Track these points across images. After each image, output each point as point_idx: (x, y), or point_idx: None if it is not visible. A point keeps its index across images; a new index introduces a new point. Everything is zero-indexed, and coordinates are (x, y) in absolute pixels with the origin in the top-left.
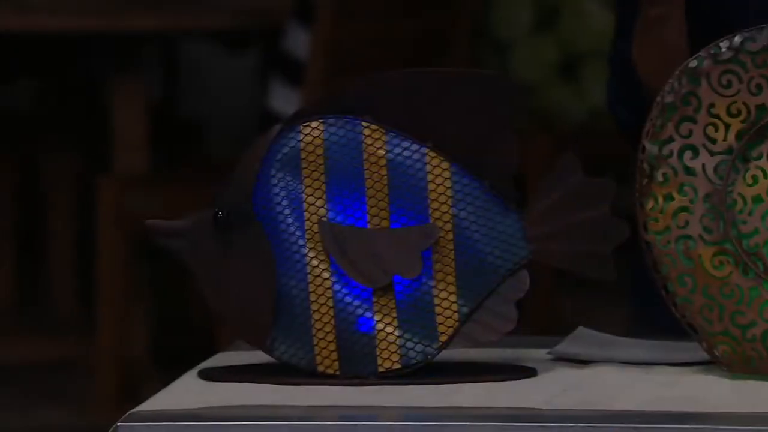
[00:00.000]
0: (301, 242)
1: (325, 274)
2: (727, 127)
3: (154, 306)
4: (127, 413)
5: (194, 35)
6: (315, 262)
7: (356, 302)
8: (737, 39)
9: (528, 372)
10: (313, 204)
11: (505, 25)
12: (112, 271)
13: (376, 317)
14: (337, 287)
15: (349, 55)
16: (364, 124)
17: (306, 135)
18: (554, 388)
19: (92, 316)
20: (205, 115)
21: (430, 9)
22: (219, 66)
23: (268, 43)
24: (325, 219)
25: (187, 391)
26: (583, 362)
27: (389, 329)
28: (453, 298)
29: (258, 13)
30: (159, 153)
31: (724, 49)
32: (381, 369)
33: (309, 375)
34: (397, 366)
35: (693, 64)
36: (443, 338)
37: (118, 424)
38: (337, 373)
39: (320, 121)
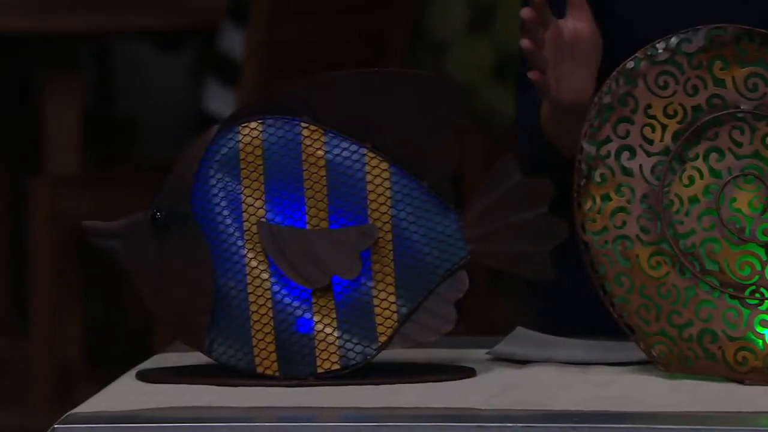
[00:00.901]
0: (239, 243)
1: (264, 275)
2: (664, 127)
3: (88, 307)
4: (65, 415)
5: (128, 35)
6: (254, 263)
7: (295, 303)
8: (673, 40)
9: (467, 372)
10: (251, 205)
11: (441, 25)
12: (45, 272)
13: (316, 318)
14: (276, 288)
15: (285, 56)
16: (303, 124)
17: (245, 135)
18: (493, 388)
19: (26, 317)
20: (139, 115)
21: (366, 9)
22: (153, 66)
23: (203, 43)
24: (264, 220)
25: (125, 393)
26: (522, 362)
27: (328, 330)
28: (392, 298)
29: (192, 13)
30: (92, 153)
31: (660, 51)
32: (320, 370)
33: (248, 376)
34: (336, 367)
35: (630, 65)
36: (382, 339)
37: (56, 426)
38: (277, 374)
39: (259, 121)
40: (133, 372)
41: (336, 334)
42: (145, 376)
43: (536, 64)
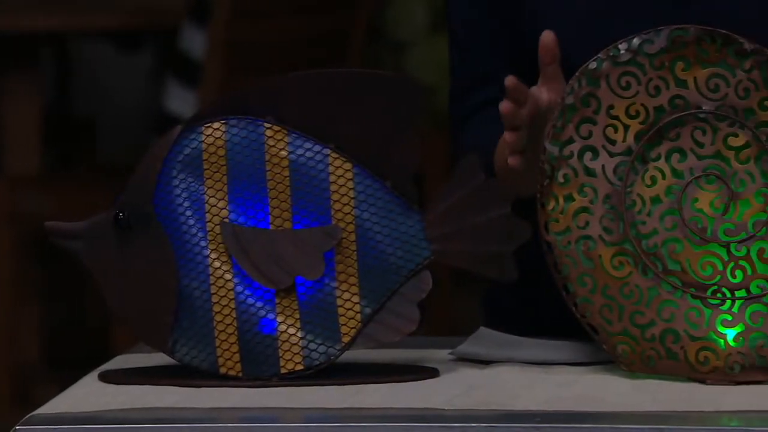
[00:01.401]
0: (202, 243)
1: (227, 276)
2: (626, 128)
3: (47, 308)
4: (27, 416)
5: (87, 35)
6: (217, 264)
7: (259, 304)
8: (635, 41)
9: (430, 372)
10: (215, 205)
11: (401, 25)
12: (4, 273)
13: (279, 318)
14: (239, 289)
15: (246, 56)
16: (267, 125)
17: (208, 136)
18: (456, 388)
19: None
20: (98, 115)
21: (327, 9)
22: (113, 66)
23: (164, 43)
24: (227, 220)
25: (87, 394)
26: (485, 362)
27: (292, 330)
28: (356, 299)
29: (152, 13)
30: (52, 153)
31: (622, 51)
32: (283, 370)
33: (211, 377)
34: (299, 367)
35: (592, 65)
36: (346, 339)
37: (17, 427)
38: (240, 374)
39: (222, 121)
40: (95, 373)
41: (299, 334)
42: (108, 377)
43: (512, 127)
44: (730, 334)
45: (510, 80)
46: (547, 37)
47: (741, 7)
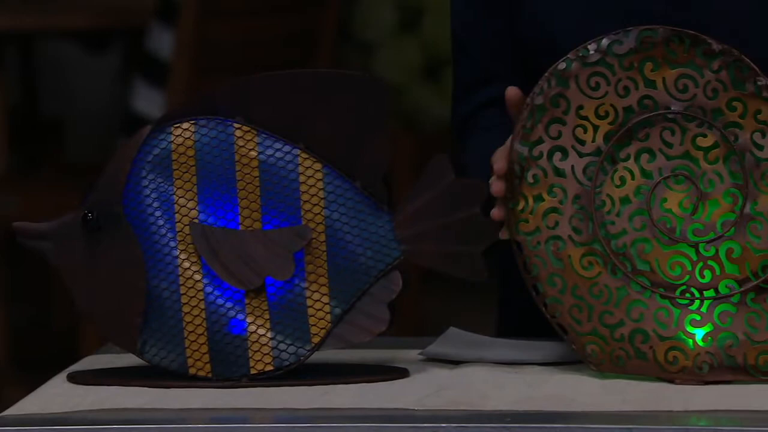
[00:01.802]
0: (172, 244)
1: (197, 276)
2: (596, 128)
3: (13, 309)
4: None
5: (54, 35)
6: (186, 264)
7: (228, 304)
8: (604, 42)
9: (400, 373)
10: (184, 206)
11: (369, 26)
12: None
13: (249, 319)
14: (208, 289)
15: (214, 56)
16: (236, 125)
17: (177, 136)
18: (426, 388)
19: None
20: (65, 115)
21: (295, 9)
22: (80, 66)
23: (131, 43)
24: (196, 220)
25: (56, 395)
26: (455, 362)
27: (261, 331)
28: (325, 299)
29: (120, 13)
30: (18, 154)
31: (591, 52)
32: (253, 371)
33: (180, 377)
34: (269, 368)
35: (562, 66)
36: (316, 339)
37: None
38: (209, 375)
39: (191, 122)
40: (64, 374)
41: (269, 335)
42: (77, 378)
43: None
44: (699, 333)
45: (496, 186)
46: (511, 92)
47: (739, 7)
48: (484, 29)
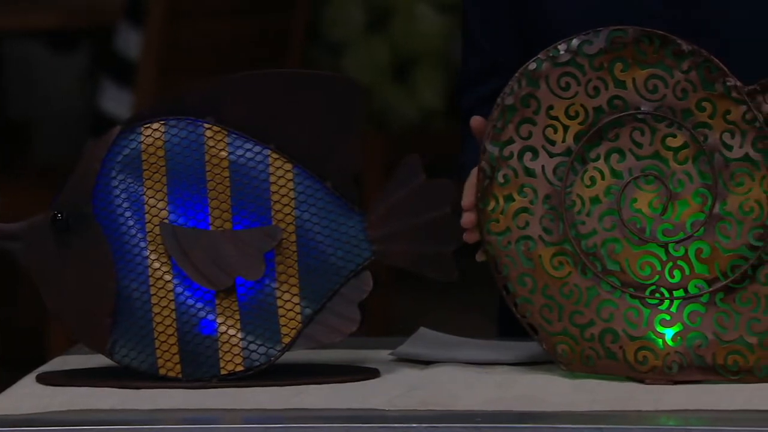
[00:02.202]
0: (142, 244)
1: (167, 277)
2: (566, 128)
3: None
4: None
5: (21, 35)
6: (156, 265)
7: (199, 305)
8: (575, 42)
9: (371, 373)
10: (154, 206)
11: (338, 26)
12: None
13: (219, 320)
14: (179, 290)
15: (182, 56)
16: (206, 125)
17: (147, 136)
18: (397, 388)
19: None
20: (33, 116)
21: (263, 10)
22: (47, 66)
23: (99, 43)
24: (166, 221)
25: (26, 396)
26: (425, 363)
27: (232, 332)
28: (296, 299)
29: (88, 13)
30: None
31: (562, 52)
32: (224, 371)
33: (151, 378)
34: (240, 368)
35: (532, 66)
36: (286, 340)
37: None
38: (180, 376)
39: (161, 122)
40: (33, 374)
41: (239, 335)
42: (46, 379)
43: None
44: (669, 333)
45: (466, 219)
46: (476, 122)
47: (737, 7)
48: (492, 19)
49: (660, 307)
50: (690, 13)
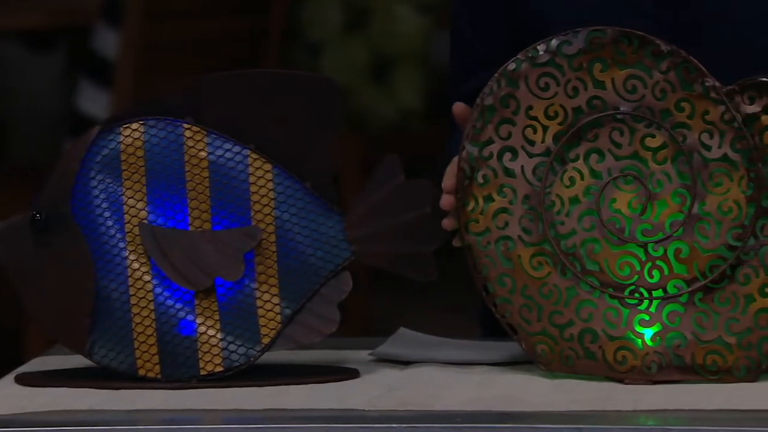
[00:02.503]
0: (121, 245)
1: (146, 277)
2: (545, 129)
3: None
4: None
5: None
6: (136, 265)
7: (178, 305)
8: (554, 42)
9: (350, 373)
10: (133, 206)
11: (316, 26)
12: None
13: (198, 320)
14: (158, 290)
15: (159, 56)
16: (186, 125)
17: (126, 137)
18: (377, 389)
19: None
20: (10, 116)
21: (241, 10)
22: (25, 66)
23: (77, 43)
24: (145, 221)
25: (4, 396)
26: (405, 363)
27: (211, 332)
28: (275, 300)
29: (65, 13)
30: None
31: (541, 52)
32: (203, 372)
33: (130, 379)
34: (219, 369)
35: (511, 66)
36: (266, 340)
37: None
38: (159, 376)
39: (140, 122)
40: (11, 375)
41: (219, 336)
42: (25, 380)
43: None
44: (648, 333)
45: (447, 222)
46: (458, 108)
47: (737, 7)
48: (482, 13)
49: (639, 307)
50: (680, 14)
